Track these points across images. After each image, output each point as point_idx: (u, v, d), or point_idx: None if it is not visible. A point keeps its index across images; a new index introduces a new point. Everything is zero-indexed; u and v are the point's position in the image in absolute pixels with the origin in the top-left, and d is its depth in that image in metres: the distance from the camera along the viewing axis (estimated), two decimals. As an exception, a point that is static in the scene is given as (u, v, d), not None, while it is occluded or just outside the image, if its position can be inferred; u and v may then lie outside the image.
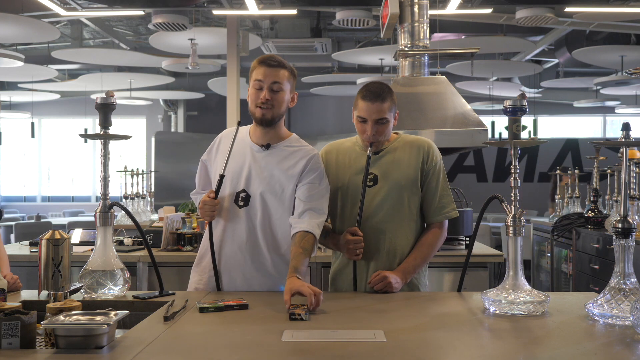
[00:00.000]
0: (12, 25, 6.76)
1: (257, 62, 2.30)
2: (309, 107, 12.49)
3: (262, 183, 2.29)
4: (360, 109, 2.33)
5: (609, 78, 9.29)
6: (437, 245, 2.42)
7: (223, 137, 2.44)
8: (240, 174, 2.31)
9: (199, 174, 2.48)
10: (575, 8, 6.28)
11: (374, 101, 2.30)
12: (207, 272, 2.36)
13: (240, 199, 2.30)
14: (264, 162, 2.31)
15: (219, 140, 2.44)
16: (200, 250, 2.45)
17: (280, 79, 2.26)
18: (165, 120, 13.00)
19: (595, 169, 5.12)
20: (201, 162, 2.47)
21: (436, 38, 7.48)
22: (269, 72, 2.25)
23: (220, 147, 2.41)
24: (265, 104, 2.24)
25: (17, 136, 12.98)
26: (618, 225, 1.80)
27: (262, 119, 2.27)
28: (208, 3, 7.16)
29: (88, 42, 9.86)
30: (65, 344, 1.49)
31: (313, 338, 1.62)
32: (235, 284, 2.33)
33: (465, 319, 1.86)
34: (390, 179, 2.37)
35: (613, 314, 1.75)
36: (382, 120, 2.32)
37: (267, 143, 2.33)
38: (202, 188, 2.46)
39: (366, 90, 2.34)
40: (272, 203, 2.29)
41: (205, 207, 2.24)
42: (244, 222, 2.30)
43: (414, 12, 4.02)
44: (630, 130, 1.82)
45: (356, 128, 2.40)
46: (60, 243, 1.94)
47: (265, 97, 2.24)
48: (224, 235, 2.33)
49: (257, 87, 2.26)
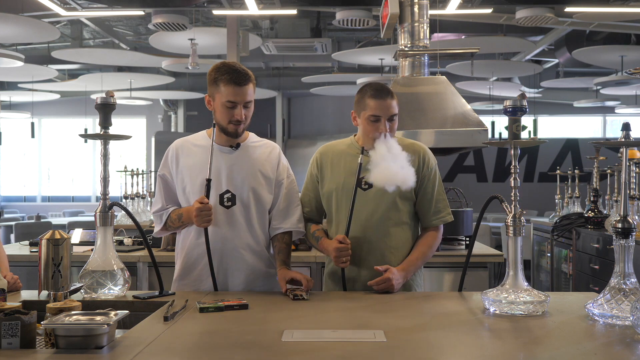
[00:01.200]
0: (12, 25, 6.76)
1: (225, 79, 2.26)
2: (308, 107, 12.48)
3: (247, 179, 2.34)
4: (372, 107, 2.34)
5: (609, 78, 9.29)
6: (434, 248, 2.45)
7: (179, 147, 2.42)
8: (219, 176, 2.33)
9: (161, 190, 2.42)
10: (575, 8, 6.28)
11: (386, 98, 2.33)
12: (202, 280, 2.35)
13: (226, 200, 2.32)
14: (240, 160, 2.37)
15: (175, 152, 2.41)
16: (183, 262, 2.40)
17: (250, 96, 2.31)
18: (165, 120, 13.00)
19: (595, 169, 5.12)
20: (160, 178, 2.43)
21: (436, 38, 7.48)
22: (240, 92, 2.27)
23: (179, 158, 2.39)
24: (240, 121, 2.30)
25: (17, 136, 12.99)
26: (618, 225, 1.80)
27: (237, 133, 2.34)
28: (208, 3, 7.16)
29: (88, 42, 9.86)
30: (65, 344, 1.49)
31: (313, 338, 1.62)
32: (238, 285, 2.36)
33: (465, 319, 1.86)
34: (383, 183, 2.36)
35: (613, 314, 1.75)
36: (394, 117, 2.36)
37: (237, 143, 2.39)
38: (168, 203, 2.42)
39: (373, 89, 2.35)
40: (263, 195, 2.37)
41: (202, 213, 2.21)
42: (236, 221, 2.34)
43: (414, 12, 4.02)
44: (630, 130, 1.82)
45: (365, 129, 2.38)
46: (60, 243, 1.94)
47: (241, 116, 2.29)
48: (217, 238, 2.32)
49: (230, 106, 2.28)
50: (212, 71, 2.31)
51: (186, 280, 2.39)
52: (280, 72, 11.22)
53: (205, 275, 2.33)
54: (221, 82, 2.27)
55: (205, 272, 2.33)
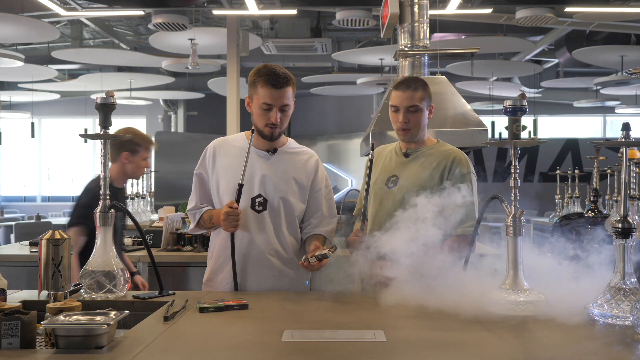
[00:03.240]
0: (12, 25, 6.76)
1: (263, 80, 2.25)
2: (309, 107, 12.47)
3: (280, 186, 2.34)
4: (392, 97, 2.39)
5: (609, 78, 9.29)
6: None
7: (217, 147, 2.42)
8: (252, 180, 2.33)
9: (197, 188, 2.42)
10: (575, 8, 6.28)
11: (405, 90, 2.35)
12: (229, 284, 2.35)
13: (257, 204, 2.31)
14: (275, 166, 2.36)
15: (213, 151, 2.42)
16: (212, 264, 2.41)
17: (288, 99, 2.29)
18: (165, 120, 13.00)
19: (595, 169, 5.12)
20: (197, 176, 2.43)
21: (436, 38, 7.47)
22: (277, 95, 2.25)
23: (216, 157, 2.40)
24: (276, 125, 2.29)
25: (17, 136, 12.97)
26: (618, 225, 1.80)
27: (272, 137, 2.33)
28: (208, 3, 7.16)
29: (88, 42, 9.86)
30: (65, 344, 1.49)
31: (313, 338, 1.62)
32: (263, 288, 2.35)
33: (464, 319, 1.86)
34: (408, 183, 2.38)
35: (613, 314, 1.74)
36: (413, 108, 2.35)
37: (274, 148, 2.38)
38: (202, 202, 2.42)
39: (399, 82, 2.41)
40: (294, 202, 2.36)
41: (230, 217, 2.21)
42: (265, 225, 2.33)
43: (414, 12, 4.02)
44: (630, 130, 1.82)
45: (391, 120, 2.44)
46: (60, 243, 1.94)
47: (276, 119, 2.27)
48: (245, 241, 2.32)
49: (266, 108, 2.27)
50: (252, 73, 2.32)
51: (213, 283, 2.39)
52: (280, 72, 11.20)
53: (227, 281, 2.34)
54: (259, 84, 2.27)
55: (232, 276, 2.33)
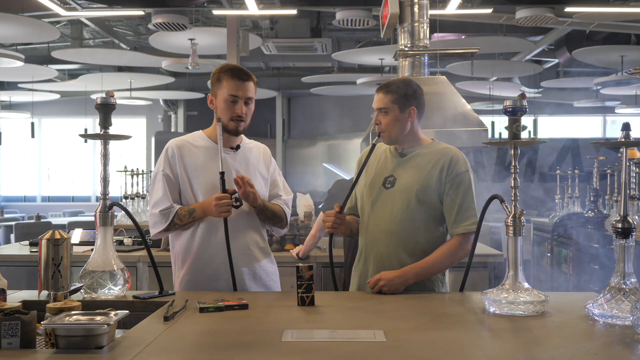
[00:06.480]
0: (12, 25, 6.75)
1: (228, 75, 2.38)
2: (308, 107, 12.47)
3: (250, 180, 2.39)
4: None
5: (609, 78, 9.28)
6: (448, 257, 2.32)
7: (179, 147, 2.43)
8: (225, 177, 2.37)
9: (166, 189, 2.39)
10: (575, 8, 6.28)
11: (378, 92, 2.41)
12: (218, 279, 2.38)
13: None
14: (241, 162, 2.46)
15: (177, 151, 2.42)
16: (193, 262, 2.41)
17: (252, 93, 2.41)
18: (165, 120, 12.99)
19: (595, 169, 5.12)
20: (164, 176, 2.40)
21: (436, 38, 7.47)
22: (242, 87, 2.37)
23: (183, 158, 2.41)
24: (241, 118, 2.38)
25: (17, 136, 12.96)
26: (618, 225, 1.80)
27: (237, 131, 2.41)
28: (208, 3, 7.15)
29: (88, 42, 9.86)
30: (65, 344, 1.49)
31: (313, 338, 1.62)
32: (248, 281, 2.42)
33: (465, 319, 1.86)
34: (405, 183, 2.37)
35: (613, 314, 1.75)
36: (382, 110, 2.39)
37: (237, 145, 2.48)
38: (173, 202, 2.40)
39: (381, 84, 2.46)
40: (263, 194, 2.47)
41: (222, 202, 2.27)
42: (244, 219, 2.42)
43: (414, 12, 4.02)
44: (630, 130, 1.83)
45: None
46: (60, 243, 1.94)
47: (242, 111, 2.38)
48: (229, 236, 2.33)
49: (232, 100, 2.36)
50: (215, 72, 2.42)
51: (197, 280, 2.39)
52: (280, 72, 11.21)
53: (224, 273, 2.34)
54: (224, 78, 2.38)
55: (222, 270, 2.35)
